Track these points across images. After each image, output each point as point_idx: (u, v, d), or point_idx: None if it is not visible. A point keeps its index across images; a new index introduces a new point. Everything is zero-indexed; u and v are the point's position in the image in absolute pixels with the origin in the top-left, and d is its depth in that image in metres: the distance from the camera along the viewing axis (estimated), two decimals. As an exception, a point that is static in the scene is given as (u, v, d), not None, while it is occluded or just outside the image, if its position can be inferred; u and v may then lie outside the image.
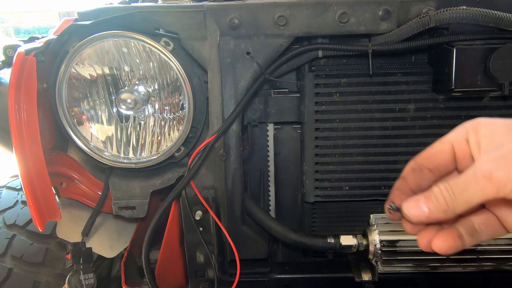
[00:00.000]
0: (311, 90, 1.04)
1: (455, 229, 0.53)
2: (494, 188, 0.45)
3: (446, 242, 0.52)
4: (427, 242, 0.53)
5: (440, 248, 0.52)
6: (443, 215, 0.49)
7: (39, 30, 26.87)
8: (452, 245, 0.52)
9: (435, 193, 0.49)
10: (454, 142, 0.54)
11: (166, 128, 1.01)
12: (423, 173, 0.55)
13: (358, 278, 1.08)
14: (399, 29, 0.91)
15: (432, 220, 0.50)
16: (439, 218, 0.49)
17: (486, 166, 0.46)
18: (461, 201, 0.47)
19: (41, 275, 1.43)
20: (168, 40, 0.94)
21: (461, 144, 0.53)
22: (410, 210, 0.51)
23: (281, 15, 0.92)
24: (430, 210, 0.49)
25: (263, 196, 1.17)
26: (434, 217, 0.49)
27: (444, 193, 0.48)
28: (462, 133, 0.53)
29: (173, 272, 1.16)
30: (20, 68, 0.89)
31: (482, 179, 0.45)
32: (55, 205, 1.00)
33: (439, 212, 0.49)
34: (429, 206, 0.49)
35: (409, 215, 0.51)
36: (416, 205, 0.50)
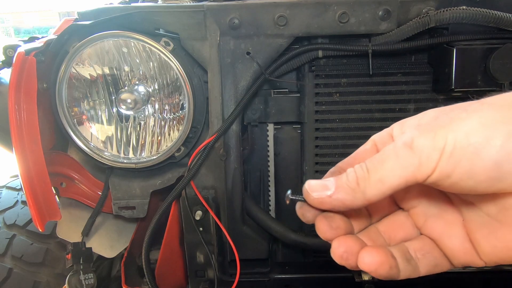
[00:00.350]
0: (311, 90, 1.04)
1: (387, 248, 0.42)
2: (415, 160, 0.36)
3: (378, 257, 0.40)
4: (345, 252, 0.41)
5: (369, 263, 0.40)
6: (351, 197, 0.38)
7: (39, 30, 26.89)
8: (384, 261, 0.40)
9: (347, 172, 0.40)
10: (376, 139, 0.45)
11: (166, 128, 1.01)
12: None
13: (358, 278, 1.08)
14: (399, 29, 0.91)
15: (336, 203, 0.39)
16: (346, 201, 0.39)
17: (408, 134, 0.37)
18: (375, 179, 0.37)
19: (41, 275, 1.43)
20: (168, 40, 0.94)
21: (384, 139, 0.44)
22: (312, 185, 0.41)
23: (281, 15, 0.92)
24: (336, 187, 0.39)
25: (263, 196, 1.17)
26: (340, 198, 0.39)
27: (357, 170, 0.39)
28: (386, 130, 0.45)
29: (173, 272, 1.16)
30: (20, 68, 0.89)
31: (402, 148, 0.37)
32: (55, 205, 1.00)
33: (347, 192, 0.38)
34: (337, 182, 0.40)
35: (310, 191, 0.40)
36: (322, 182, 0.41)
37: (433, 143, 0.35)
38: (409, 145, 0.36)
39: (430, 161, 0.35)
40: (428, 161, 0.35)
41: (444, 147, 0.35)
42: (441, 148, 0.35)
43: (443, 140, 0.35)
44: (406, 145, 0.36)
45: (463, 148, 0.34)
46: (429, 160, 0.35)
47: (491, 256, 0.40)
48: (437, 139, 0.35)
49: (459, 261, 0.43)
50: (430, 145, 0.35)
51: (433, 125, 0.36)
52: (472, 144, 0.34)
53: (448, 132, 0.35)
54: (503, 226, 0.38)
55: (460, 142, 0.34)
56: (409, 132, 0.38)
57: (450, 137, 0.34)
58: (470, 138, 0.34)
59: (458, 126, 0.35)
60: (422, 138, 0.36)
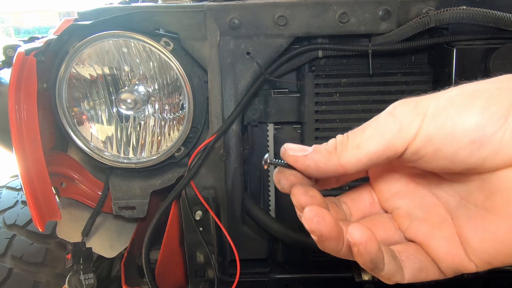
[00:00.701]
0: (311, 90, 1.04)
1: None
2: (396, 125, 0.35)
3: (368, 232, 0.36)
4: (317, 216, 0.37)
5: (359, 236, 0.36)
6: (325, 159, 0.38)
7: (39, 30, 26.89)
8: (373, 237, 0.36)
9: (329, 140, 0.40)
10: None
11: (166, 128, 1.01)
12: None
13: (358, 278, 1.08)
14: (399, 29, 0.91)
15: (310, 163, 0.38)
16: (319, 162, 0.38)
17: (391, 105, 0.38)
18: (352, 145, 0.37)
19: (41, 275, 1.43)
20: (168, 40, 0.94)
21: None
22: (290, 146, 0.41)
23: (281, 15, 0.92)
24: (313, 149, 0.39)
25: (263, 196, 1.17)
26: (314, 158, 0.38)
27: (338, 138, 0.39)
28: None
29: (173, 272, 1.16)
30: (20, 68, 0.89)
31: (383, 115, 0.37)
32: (55, 205, 1.00)
33: (322, 154, 0.38)
34: (315, 147, 0.39)
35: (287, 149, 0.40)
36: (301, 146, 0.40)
37: (415, 110, 0.35)
38: (391, 112, 0.37)
39: (411, 126, 0.35)
40: (409, 126, 0.35)
41: (427, 111, 0.35)
42: (423, 113, 0.35)
43: (425, 106, 0.35)
44: (387, 113, 0.37)
45: (446, 109, 0.34)
46: (410, 125, 0.35)
47: (480, 253, 0.37)
48: (420, 105, 0.36)
49: (447, 265, 0.40)
50: (412, 111, 0.35)
51: (415, 98, 0.37)
52: (455, 105, 0.34)
53: (430, 99, 0.36)
54: (490, 214, 0.37)
55: (443, 104, 0.35)
56: (391, 104, 0.38)
57: (433, 103, 0.35)
58: (453, 100, 0.34)
59: (440, 95, 0.36)
60: (404, 105, 0.36)
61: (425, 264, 0.41)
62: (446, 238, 0.40)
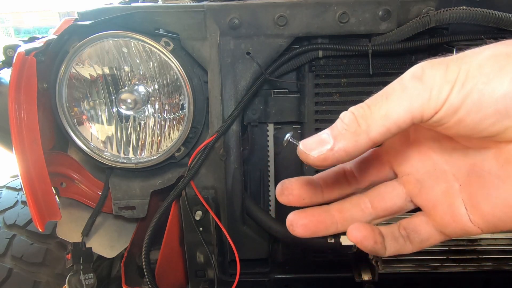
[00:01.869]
0: (311, 90, 1.04)
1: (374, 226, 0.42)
2: (426, 92, 0.33)
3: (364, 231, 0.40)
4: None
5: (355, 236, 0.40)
6: (353, 141, 0.35)
7: (39, 30, 26.89)
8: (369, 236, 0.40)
9: (341, 116, 0.36)
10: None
11: (166, 128, 1.01)
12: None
13: (358, 278, 1.08)
14: (399, 29, 0.91)
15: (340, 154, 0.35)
16: (348, 148, 0.35)
17: (418, 65, 0.35)
18: (379, 115, 0.34)
19: (41, 275, 1.43)
20: (168, 40, 0.94)
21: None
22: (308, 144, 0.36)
23: (281, 15, 0.92)
24: (334, 136, 0.35)
25: (263, 196, 1.17)
26: (342, 147, 0.35)
27: (355, 110, 0.36)
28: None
29: (173, 272, 1.16)
30: (20, 68, 0.89)
31: (410, 79, 0.34)
32: (55, 205, 1.00)
33: (347, 138, 0.35)
34: (333, 132, 0.35)
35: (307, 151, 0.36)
36: (317, 137, 0.36)
37: (445, 75, 0.33)
38: (419, 76, 0.34)
39: (441, 93, 0.33)
40: (439, 94, 0.33)
41: (456, 78, 0.33)
42: (453, 80, 0.33)
43: (455, 72, 0.33)
44: (415, 77, 0.34)
45: (475, 78, 0.33)
46: (440, 92, 0.33)
47: (490, 217, 0.38)
48: (450, 71, 0.33)
49: (451, 230, 0.41)
50: (442, 76, 0.33)
51: (444, 60, 0.34)
52: (484, 74, 0.32)
53: (461, 63, 0.33)
54: (504, 183, 0.37)
55: (472, 72, 0.33)
56: (418, 65, 0.35)
57: (463, 68, 0.33)
58: (483, 68, 0.33)
59: (471, 58, 0.33)
60: (433, 69, 0.34)
61: (430, 234, 0.42)
62: (452, 205, 0.41)
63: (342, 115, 0.36)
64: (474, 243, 0.96)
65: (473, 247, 0.96)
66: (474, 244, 0.96)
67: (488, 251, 0.98)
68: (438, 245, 0.96)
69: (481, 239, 0.96)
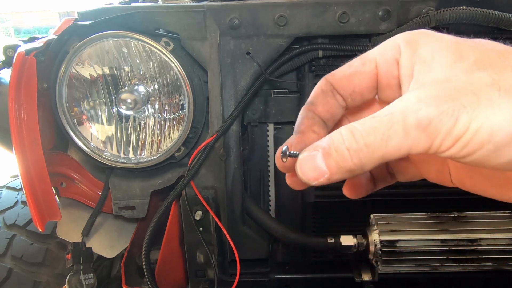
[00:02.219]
0: (311, 90, 1.04)
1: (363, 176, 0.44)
2: (427, 142, 0.32)
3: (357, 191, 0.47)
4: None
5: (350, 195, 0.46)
6: (348, 175, 0.35)
7: (39, 30, 26.89)
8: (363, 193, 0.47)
9: (335, 145, 0.34)
10: (379, 62, 0.39)
11: (166, 128, 1.01)
12: (336, 99, 0.41)
13: (358, 278, 1.08)
14: (399, 29, 0.91)
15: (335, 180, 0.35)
16: (343, 178, 0.35)
17: (425, 110, 0.31)
18: (376, 157, 0.33)
19: (41, 275, 1.43)
20: (168, 40, 0.94)
21: (388, 66, 0.38)
22: (306, 172, 0.36)
23: (281, 15, 0.92)
24: (331, 170, 0.34)
25: (263, 196, 1.17)
26: (337, 178, 0.35)
27: (350, 144, 0.33)
28: (392, 51, 0.38)
29: (173, 272, 1.16)
30: (20, 68, 0.89)
31: (415, 128, 0.32)
32: (55, 205, 1.00)
33: (344, 173, 0.34)
34: (329, 164, 0.34)
35: (306, 179, 0.36)
36: (312, 165, 0.35)
37: (452, 129, 0.31)
38: (424, 127, 0.31)
39: (442, 145, 0.32)
40: (440, 145, 0.32)
41: (463, 135, 0.31)
42: (459, 136, 0.31)
43: (464, 128, 0.31)
44: (420, 126, 0.31)
45: (483, 143, 0.31)
46: (442, 144, 0.32)
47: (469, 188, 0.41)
48: (457, 126, 0.31)
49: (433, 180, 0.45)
50: (447, 131, 0.31)
51: (456, 104, 0.31)
52: (493, 142, 0.30)
53: (472, 118, 0.30)
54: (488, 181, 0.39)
55: (481, 135, 0.30)
56: (425, 107, 0.31)
57: (472, 126, 0.30)
58: (493, 135, 0.30)
59: (485, 114, 0.30)
60: (441, 121, 0.31)
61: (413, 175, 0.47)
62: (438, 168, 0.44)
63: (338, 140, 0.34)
64: (474, 243, 0.96)
65: (473, 247, 0.96)
66: (474, 244, 0.96)
67: (488, 251, 0.98)
68: (438, 245, 0.96)
69: (481, 239, 0.96)
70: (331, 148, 0.34)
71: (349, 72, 0.40)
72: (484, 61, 0.33)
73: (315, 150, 0.35)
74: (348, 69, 0.41)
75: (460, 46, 0.35)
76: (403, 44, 0.37)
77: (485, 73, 0.32)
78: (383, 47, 0.39)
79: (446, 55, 0.35)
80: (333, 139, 0.34)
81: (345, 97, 0.41)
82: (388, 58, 0.38)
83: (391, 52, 0.38)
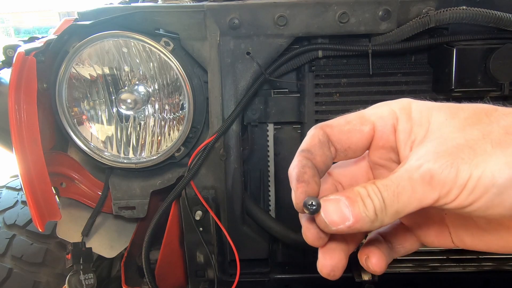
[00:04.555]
0: (311, 90, 1.04)
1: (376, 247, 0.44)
2: (435, 195, 0.34)
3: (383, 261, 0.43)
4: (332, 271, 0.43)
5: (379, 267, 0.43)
6: (368, 227, 0.36)
7: (39, 30, 26.86)
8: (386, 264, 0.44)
9: (362, 196, 0.36)
10: (377, 125, 0.41)
11: (166, 128, 1.01)
12: (330, 151, 0.42)
13: (358, 278, 1.08)
14: (399, 29, 0.91)
15: (351, 231, 0.37)
16: (363, 229, 0.36)
17: (426, 166, 0.35)
18: (392, 211, 0.36)
19: (41, 275, 1.43)
20: (168, 40, 0.94)
21: (386, 130, 0.41)
22: (330, 214, 0.36)
23: (281, 15, 0.92)
24: (356, 218, 0.36)
25: (263, 196, 1.17)
26: (357, 228, 0.36)
27: (374, 199, 0.36)
28: (389, 116, 0.41)
29: (173, 272, 1.16)
30: (20, 68, 0.89)
31: (420, 182, 0.34)
32: (55, 205, 1.00)
33: (365, 223, 0.36)
34: (355, 213, 0.36)
35: (328, 221, 0.36)
36: (338, 209, 0.36)
37: (454, 180, 0.34)
38: (428, 181, 0.34)
39: (450, 195, 0.34)
40: (448, 196, 0.34)
41: (467, 183, 0.33)
42: (463, 185, 0.33)
43: (466, 177, 0.33)
44: (424, 180, 0.34)
45: (487, 188, 0.33)
46: (448, 195, 0.34)
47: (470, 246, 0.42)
48: (460, 176, 0.33)
49: (432, 245, 0.45)
50: (451, 181, 0.34)
51: (454, 157, 0.34)
52: (496, 185, 0.33)
53: (472, 168, 0.33)
54: (491, 236, 0.39)
55: (484, 180, 0.33)
56: (426, 163, 0.35)
57: (474, 174, 0.33)
58: (495, 179, 0.33)
59: (483, 162, 0.33)
60: (443, 174, 0.34)
61: (413, 246, 0.46)
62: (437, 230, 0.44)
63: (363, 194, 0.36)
64: (474, 243, 0.96)
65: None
66: (474, 244, 0.96)
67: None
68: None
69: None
70: (358, 199, 0.36)
71: (347, 128, 0.42)
72: (473, 118, 0.36)
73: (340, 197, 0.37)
74: (347, 125, 0.42)
75: (449, 106, 0.38)
76: (399, 111, 0.40)
77: (476, 129, 0.35)
78: (380, 111, 0.42)
79: (438, 114, 0.38)
80: (359, 192, 0.37)
81: (339, 151, 0.42)
82: (387, 124, 0.41)
83: (389, 118, 0.41)
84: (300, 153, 0.41)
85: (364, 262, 0.44)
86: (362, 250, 0.45)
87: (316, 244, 0.40)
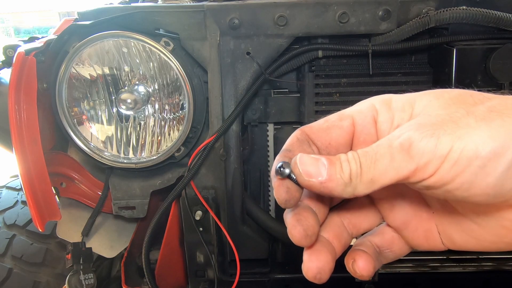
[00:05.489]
0: (311, 90, 1.04)
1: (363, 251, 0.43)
2: (412, 165, 0.33)
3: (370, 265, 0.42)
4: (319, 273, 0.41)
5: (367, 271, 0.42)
6: (340, 189, 0.35)
7: (39, 30, 26.85)
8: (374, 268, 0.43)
9: (341, 160, 0.36)
10: (356, 119, 0.41)
11: (166, 128, 1.01)
12: (312, 149, 0.42)
13: (358, 278, 1.08)
14: (399, 29, 0.91)
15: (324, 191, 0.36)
16: (335, 191, 0.35)
17: (406, 134, 0.34)
18: (367, 178, 0.35)
19: (41, 275, 1.43)
20: (168, 40, 0.94)
21: (366, 123, 0.41)
22: (307, 165, 0.36)
23: (281, 15, 0.92)
24: (329, 177, 0.35)
25: (263, 196, 1.17)
26: (329, 187, 0.35)
27: (351, 164, 0.35)
28: (368, 109, 0.41)
29: (173, 272, 1.16)
30: (20, 68, 0.89)
31: (399, 150, 0.33)
32: (55, 205, 1.00)
33: (338, 184, 0.35)
34: (330, 172, 0.35)
35: (301, 170, 0.36)
36: (315, 162, 0.36)
37: (434, 150, 0.32)
38: (407, 149, 0.33)
39: (428, 167, 0.33)
40: (427, 167, 0.33)
41: (448, 154, 0.32)
42: (443, 155, 0.32)
43: (447, 147, 0.32)
44: (403, 148, 0.33)
45: (470, 160, 0.32)
46: (428, 166, 0.33)
47: (461, 245, 0.41)
48: (441, 146, 0.32)
49: (423, 247, 0.44)
50: (431, 151, 0.32)
51: (436, 128, 0.33)
52: (480, 157, 0.32)
53: (454, 139, 0.32)
54: (480, 228, 0.38)
55: (467, 152, 0.32)
56: (406, 132, 0.34)
57: (456, 145, 0.32)
58: (478, 151, 0.32)
59: (467, 134, 0.32)
60: (422, 142, 0.33)
61: (402, 250, 0.45)
62: (427, 229, 0.43)
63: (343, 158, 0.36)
64: (474, 243, 0.96)
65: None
66: (474, 244, 0.96)
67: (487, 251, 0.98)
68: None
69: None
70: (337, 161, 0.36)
71: (326, 125, 0.42)
72: (458, 99, 0.35)
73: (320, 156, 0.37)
74: (325, 123, 0.42)
75: (434, 91, 0.38)
76: (379, 104, 0.40)
77: (461, 107, 0.34)
78: (359, 107, 0.42)
79: (422, 98, 0.37)
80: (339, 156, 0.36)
81: (320, 148, 0.42)
82: (366, 116, 0.41)
83: (369, 111, 0.41)
84: (280, 154, 0.41)
85: (350, 267, 0.43)
86: (349, 254, 0.44)
87: (302, 243, 0.39)
